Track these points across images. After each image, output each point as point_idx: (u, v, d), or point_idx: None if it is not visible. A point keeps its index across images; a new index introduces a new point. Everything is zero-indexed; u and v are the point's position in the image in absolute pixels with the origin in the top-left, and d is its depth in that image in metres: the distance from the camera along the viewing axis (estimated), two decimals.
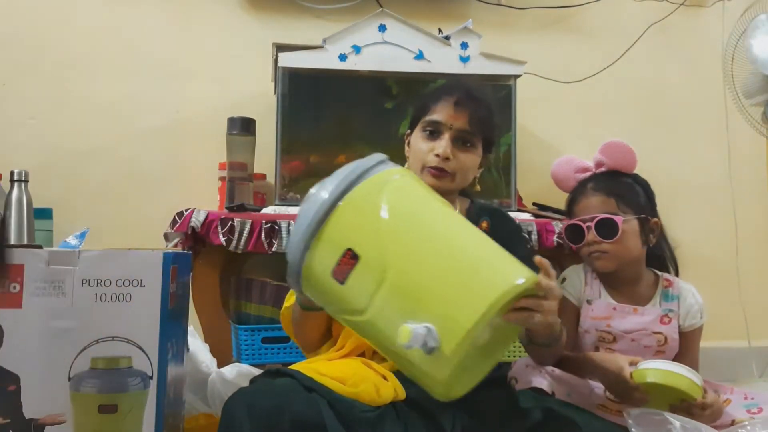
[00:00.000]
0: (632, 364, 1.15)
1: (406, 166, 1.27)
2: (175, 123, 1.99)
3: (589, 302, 1.37)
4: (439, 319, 0.81)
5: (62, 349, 0.98)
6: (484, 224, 1.27)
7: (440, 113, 1.20)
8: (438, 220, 0.93)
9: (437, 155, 1.18)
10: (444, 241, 0.90)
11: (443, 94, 1.22)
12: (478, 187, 1.28)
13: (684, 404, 1.13)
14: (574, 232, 1.38)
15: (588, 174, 1.48)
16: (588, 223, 1.35)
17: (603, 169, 1.45)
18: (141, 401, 0.99)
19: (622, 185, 1.40)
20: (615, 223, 1.32)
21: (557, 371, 1.21)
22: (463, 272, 0.86)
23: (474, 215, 1.29)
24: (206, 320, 1.60)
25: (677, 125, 2.26)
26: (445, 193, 1.22)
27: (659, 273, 1.43)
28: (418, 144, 1.22)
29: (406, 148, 1.29)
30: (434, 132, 1.20)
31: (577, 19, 2.22)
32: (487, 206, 1.33)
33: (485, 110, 1.22)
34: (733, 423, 1.17)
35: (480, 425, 1.05)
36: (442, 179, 1.19)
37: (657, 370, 1.13)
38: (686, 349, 1.37)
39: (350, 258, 0.87)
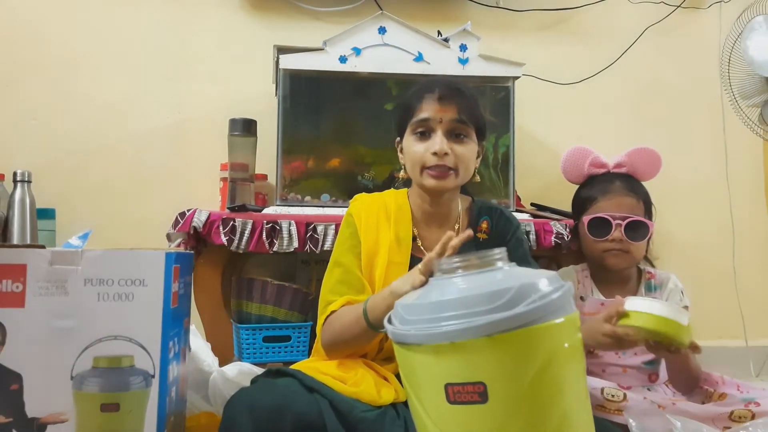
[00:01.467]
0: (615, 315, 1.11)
1: (401, 173, 1.27)
2: (176, 124, 2.00)
3: (582, 299, 1.39)
4: None
5: (64, 348, 0.98)
6: (484, 224, 1.27)
7: (427, 110, 1.17)
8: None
9: (434, 153, 1.14)
10: None
11: (425, 93, 1.19)
12: (477, 178, 1.25)
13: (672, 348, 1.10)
14: (601, 226, 1.39)
15: (604, 171, 1.50)
16: (618, 221, 1.37)
17: (623, 170, 1.48)
18: (143, 400, 0.99)
19: (646, 193, 1.46)
20: (647, 228, 1.38)
21: None
22: None
23: (474, 214, 1.28)
24: (208, 319, 1.61)
25: (674, 126, 2.27)
26: (449, 192, 1.22)
27: (642, 267, 1.47)
28: (412, 147, 1.19)
29: (400, 155, 1.26)
30: (426, 131, 1.17)
31: (576, 21, 2.23)
32: (488, 205, 1.31)
33: (471, 99, 1.20)
34: (732, 415, 1.17)
35: None
36: (444, 179, 1.16)
37: (642, 314, 1.06)
38: None
39: (477, 393, 0.74)
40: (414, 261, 1.20)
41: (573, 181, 1.59)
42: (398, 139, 1.27)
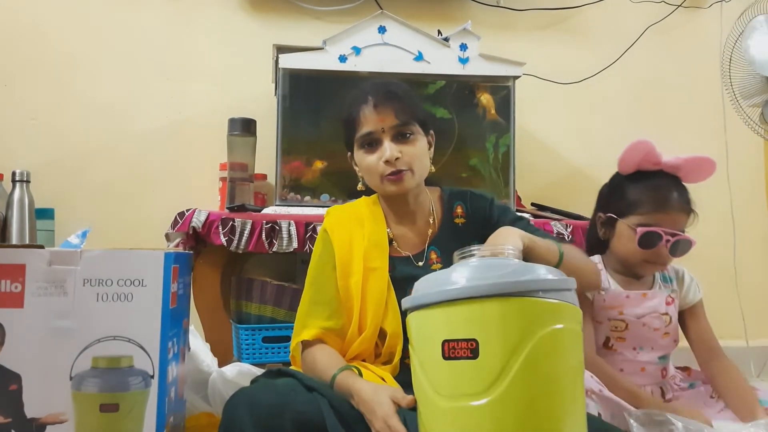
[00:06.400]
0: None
1: (359, 185, 1.27)
2: (176, 123, 2.00)
3: (603, 291, 1.38)
4: None
5: (64, 348, 0.98)
6: (459, 209, 1.27)
7: (367, 124, 1.17)
8: (577, 397, 0.85)
9: (386, 161, 1.15)
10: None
11: (360, 104, 1.18)
12: (432, 168, 1.25)
13: None
14: (653, 240, 1.34)
15: (656, 169, 1.42)
16: (668, 237, 1.32)
17: (678, 173, 1.42)
18: (142, 400, 0.99)
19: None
20: (689, 245, 1.35)
21: (605, 392, 1.18)
22: None
23: (447, 202, 1.28)
24: (207, 320, 1.60)
25: (675, 126, 2.27)
26: (412, 190, 1.22)
27: None
28: (364, 161, 1.19)
29: (355, 168, 1.26)
30: (372, 143, 1.18)
31: (576, 21, 2.23)
32: (457, 190, 1.31)
33: (406, 97, 1.19)
34: None
35: None
36: (402, 181, 1.17)
37: None
38: (698, 321, 1.42)
39: (469, 348, 0.81)
40: (393, 262, 1.20)
41: (623, 172, 1.47)
42: (350, 153, 1.27)
